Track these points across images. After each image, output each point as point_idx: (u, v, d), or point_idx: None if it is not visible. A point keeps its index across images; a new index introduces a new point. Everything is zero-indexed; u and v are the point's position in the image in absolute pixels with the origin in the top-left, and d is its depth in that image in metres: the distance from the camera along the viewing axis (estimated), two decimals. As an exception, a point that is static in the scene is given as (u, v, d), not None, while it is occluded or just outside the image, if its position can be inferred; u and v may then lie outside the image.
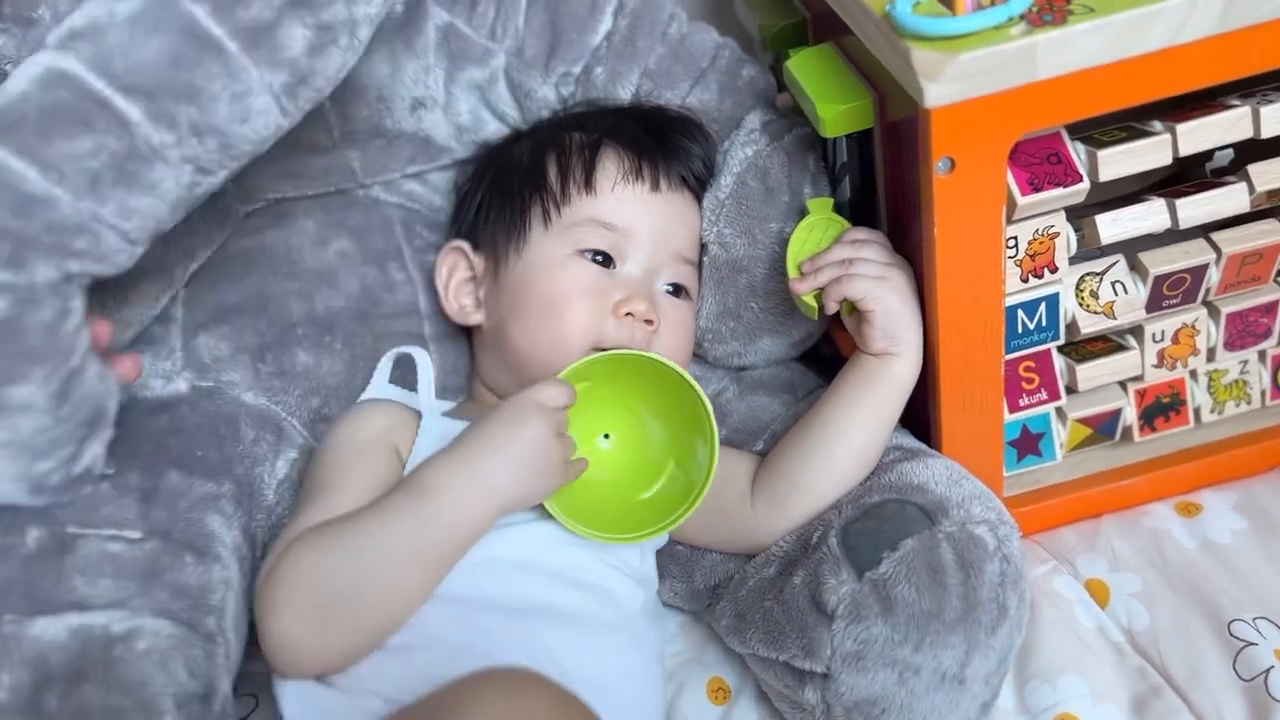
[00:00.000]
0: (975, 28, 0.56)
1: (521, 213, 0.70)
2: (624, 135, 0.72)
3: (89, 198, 0.53)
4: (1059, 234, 0.66)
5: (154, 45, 0.53)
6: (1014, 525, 0.64)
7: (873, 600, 0.59)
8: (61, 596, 0.57)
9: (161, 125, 0.54)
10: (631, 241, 0.69)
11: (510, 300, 0.69)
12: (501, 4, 0.76)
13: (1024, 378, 0.73)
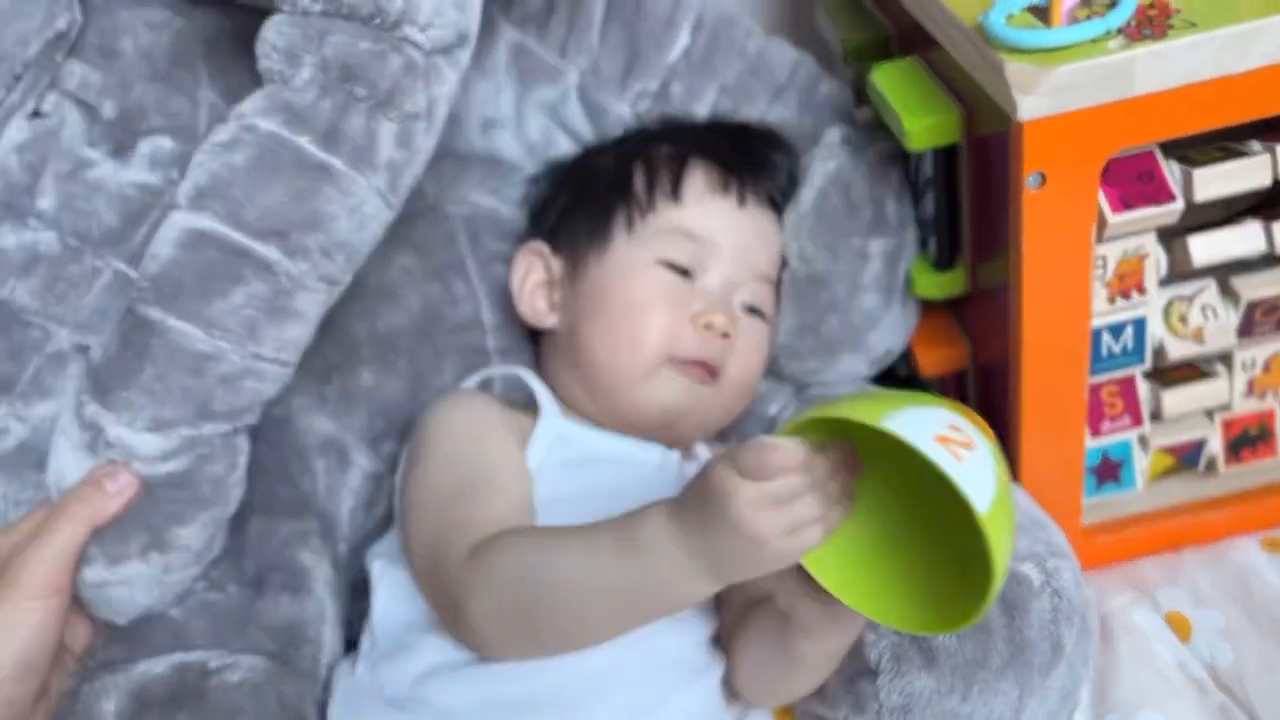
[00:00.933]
0: (1071, 40, 0.55)
1: (605, 218, 0.70)
2: (712, 149, 0.72)
3: (250, 343, 0.56)
4: (1148, 255, 0.65)
5: (276, 188, 0.56)
6: (1068, 555, 0.61)
7: (913, 653, 0.58)
8: (164, 640, 0.60)
9: (298, 258, 0.57)
10: (713, 254, 0.68)
11: (587, 304, 0.69)
12: (574, 22, 0.76)
13: (1107, 403, 0.71)
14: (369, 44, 0.56)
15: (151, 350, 0.55)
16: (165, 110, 0.67)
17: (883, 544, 0.52)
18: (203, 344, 0.55)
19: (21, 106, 0.64)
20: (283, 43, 0.56)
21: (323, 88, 0.56)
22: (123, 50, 0.66)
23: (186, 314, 0.55)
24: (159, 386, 0.55)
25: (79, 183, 0.64)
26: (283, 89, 0.56)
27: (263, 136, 0.56)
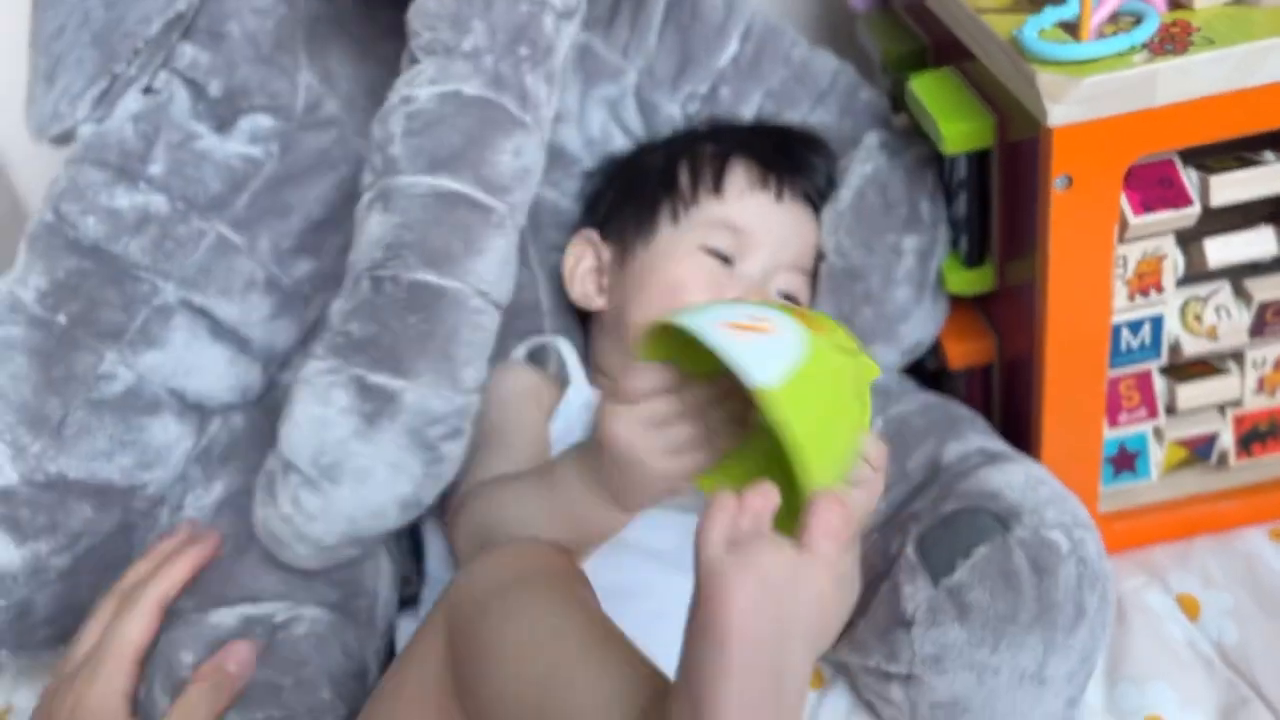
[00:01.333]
0: (1099, 54, 0.59)
1: (652, 210, 0.75)
2: (754, 148, 0.77)
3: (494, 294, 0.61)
4: (1166, 256, 0.69)
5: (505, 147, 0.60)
6: (1091, 528, 0.65)
7: (949, 606, 0.62)
8: (234, 593, 0.63)
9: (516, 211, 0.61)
10: (751, 244, 0.73)
11: (634, 286, 0.74)
12: (635, 26, 0.81)
13: (1125, 395, 0.75)
14: (526, 7, 0.59)
15: (440, 314, 0.57)
16: (267, 90, 0.72)
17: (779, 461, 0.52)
18: (476, 300, 0.58)
19: (136, 81, 0.69)
20: (447, 12, 0.59)
21: (495, 53, 0.59)
22: (230, 33, 0.71)
23: (457, 274, 0.57)
24: (452, 348, 0.57)
25: (187, 151, 0.69)
26: (453, 57, 0.59)
27: (472, 101, 0.58)
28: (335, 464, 0.57)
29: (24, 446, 0.63)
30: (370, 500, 0.58)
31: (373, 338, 0.57)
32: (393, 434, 0.57)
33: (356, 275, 0.59)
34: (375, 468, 0.57)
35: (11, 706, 0.77)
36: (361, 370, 0.57)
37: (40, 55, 0.69)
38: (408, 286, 0.57)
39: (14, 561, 0.63)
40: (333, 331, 0.58)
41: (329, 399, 0.57)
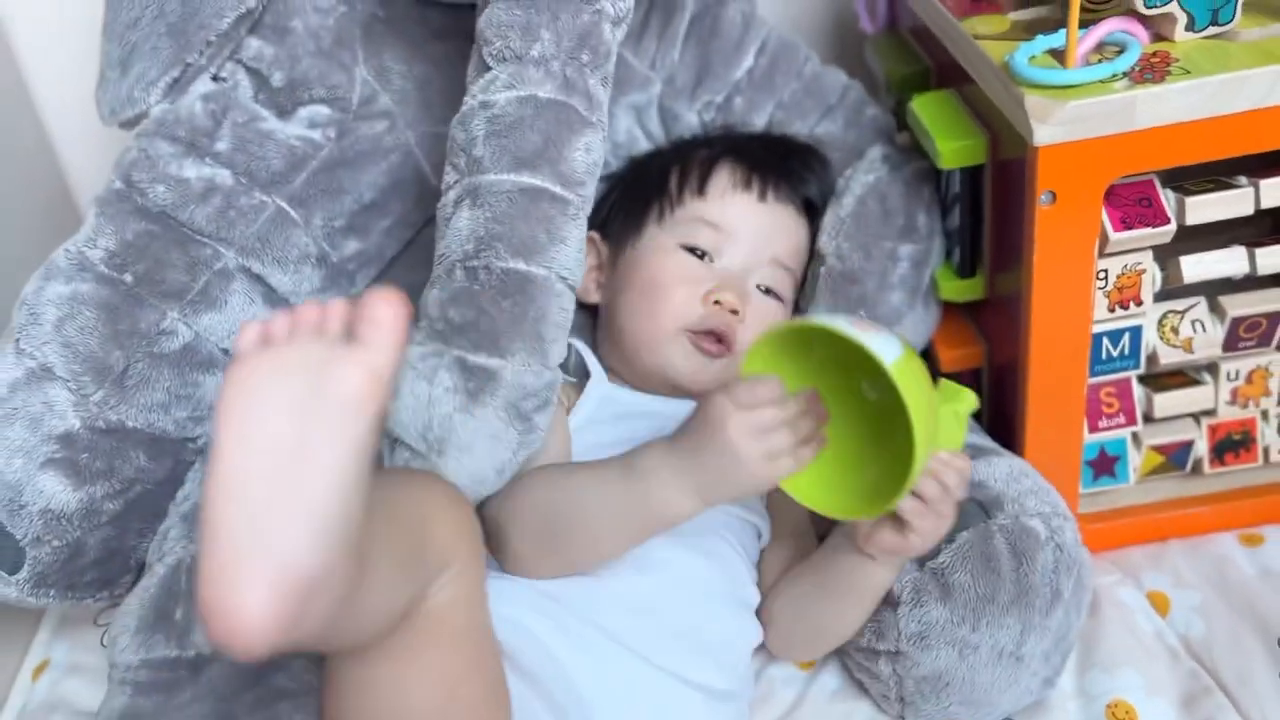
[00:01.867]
0: (1083, 80, 0.65)
1: (642, 212, 0.80)
2: (742, 152, 0.82)
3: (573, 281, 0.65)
4: (1145, 271, 0.74)
5: (578, 145, 0.65)
6: (1069, 518, 0.70)
7: (932, 586, 0.67)
8: None
9: (586, 203, 0.66)
10: (731, 240, 0.78)
11: (620, 282, 0.79)
12: (662, 39, 0.87)
13: (1105, 402, 0.80)
14: (588, 16, 0.65)
15: (532, 298, 0.62)
16: (326, 83, 0.77)
17: (844, 465, 0.63)
18: (559, 285, 0.63)
19: (206, 70, 0.75)
20: (518, 22, 0.64)
21: (561, 59, 0.64)
22: (294, 29, 0.77)
23: (543, 262, 0.63)
24: (541, 328, 0.62)
25: (252, 130, 0.75)
26: (524, 64, 0.64)
27: (548, 104, 0.64)
28: (442, 438, 0.62)
29: (87, 394, 0.68)
30: (473, 469, 0.62)
31: (472, 322, 0.62)
32: (493, 408, 0.62)
33: (449, 266, 0.64)
34: (477, 440, 0.62)
35: (49, 660, 0.82)
36: (463, 352, 0.62)
37: (114, 43, 0.75)
38: (500, 274, 0.62)
39: (70, 503, 0.68)
40: (431, 318, 0.63)
41: (435, 379, 0.61)
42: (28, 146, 1.05)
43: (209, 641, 0.46)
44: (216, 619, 0.40)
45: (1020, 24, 0.74)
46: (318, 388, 0.42)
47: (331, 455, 0.41)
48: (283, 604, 0.40)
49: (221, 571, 0.40)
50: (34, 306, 0.69)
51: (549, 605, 0.65)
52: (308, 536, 0.41)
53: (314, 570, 0.41)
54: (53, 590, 0.70)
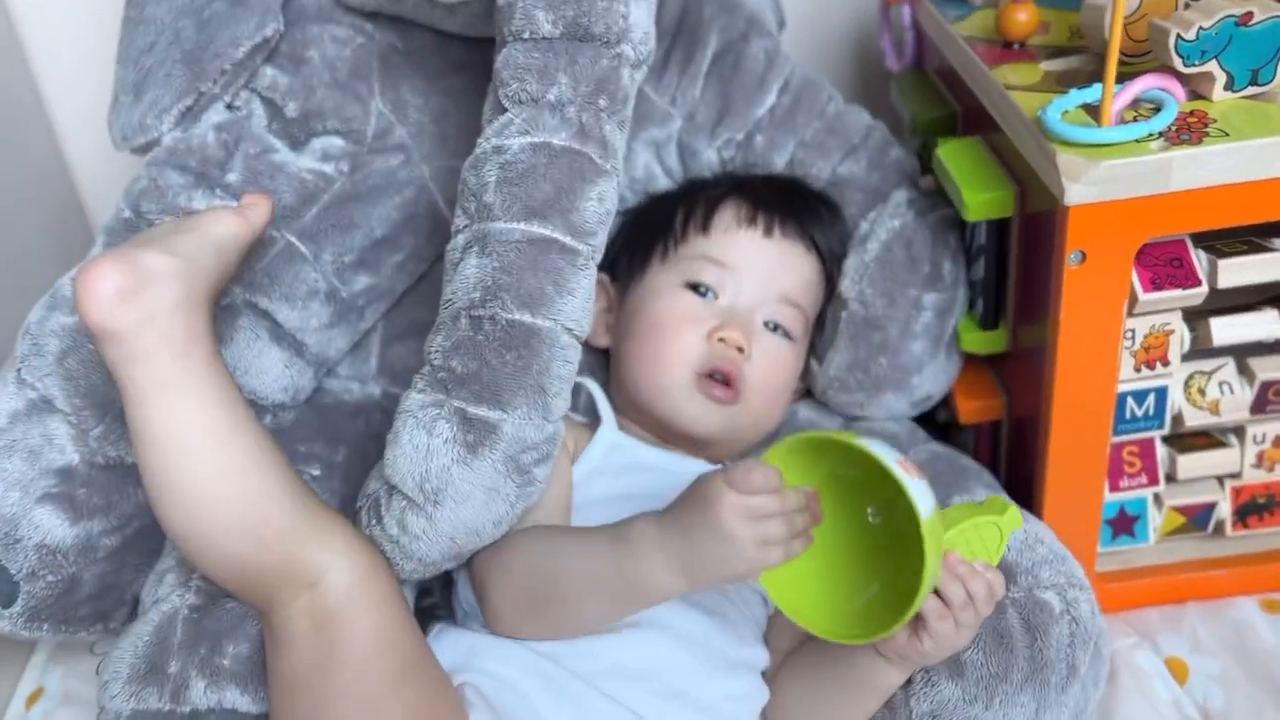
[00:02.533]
0: (1117, 139, 0.63)
1: (647, 250, 0.79)
2: (748, 189, 0.80)
3: (579, 331, 0.63)
4: (1174, 331, 0.72)
5: (591, 195, 0.63)
6: (1085, 587, 0.68)
7: (943, 664, 0.65)
8: None
9: (596, 253, 0.64)
10: (735, 277, 0.76)
11: (625, 323, 0.78)
12: (684, 75, 0.86)
13: (1126, 461, 0.78)
14: (606, 61, 0.63)
15: (536, 351, 0.61)
16: (341, 115, 0.76)
17: (830, 584, 0.62)
18: (565, 337, 0.62)
19: (219, 99, 0.74)
20: (536, 65, 0.63)
21: (578, 104, 0.63)
22: (310, 59, 0.76)
23: (549, 314, 0.61)
24: (544, 381, 0.61)
25: (264, 163, 0.74)
26: (539, 108, 0.63)
27: (562, 152, 0.62)
28: (439, 489, 0.61)
29: (87, 429, 0.67)
30: (470, 521, 0.61)
31: (474, 373, 0.61)
32: (492, 461, 0.60)
33: (454, 313, 0.62)
34: (475, 492, 0.61)
35: (43, 689, 0.81)
36: (463, 403, 0.61)
37: (128, 68, 0.74)
38: (505, 326, 0.61)
39: (66, 539, 0.67)
40: (434, 367, 0.62)
41: (434, 429, 0.61)
42: (42, 164, 1.04)
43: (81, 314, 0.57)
44: (80, 284, 0.57)
45: (1052, 75, 0.73)
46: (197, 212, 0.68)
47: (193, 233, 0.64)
48: (124, 277, 0.57)
49: (93, 259, 0.58)
50: (37, 337, 0.68)
51: (540, 663, 0.63)
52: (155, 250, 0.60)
53: (152, 265, 0.58)
54: (46, 624, 0.69)
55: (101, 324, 0.57)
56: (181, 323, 0.59)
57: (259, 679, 0.63)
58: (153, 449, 0.59)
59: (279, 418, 0.74)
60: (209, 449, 0.59)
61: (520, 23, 0.62)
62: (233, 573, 0.61)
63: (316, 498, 0.63)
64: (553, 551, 0.64)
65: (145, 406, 0.58)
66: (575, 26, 0.62)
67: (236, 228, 0.65)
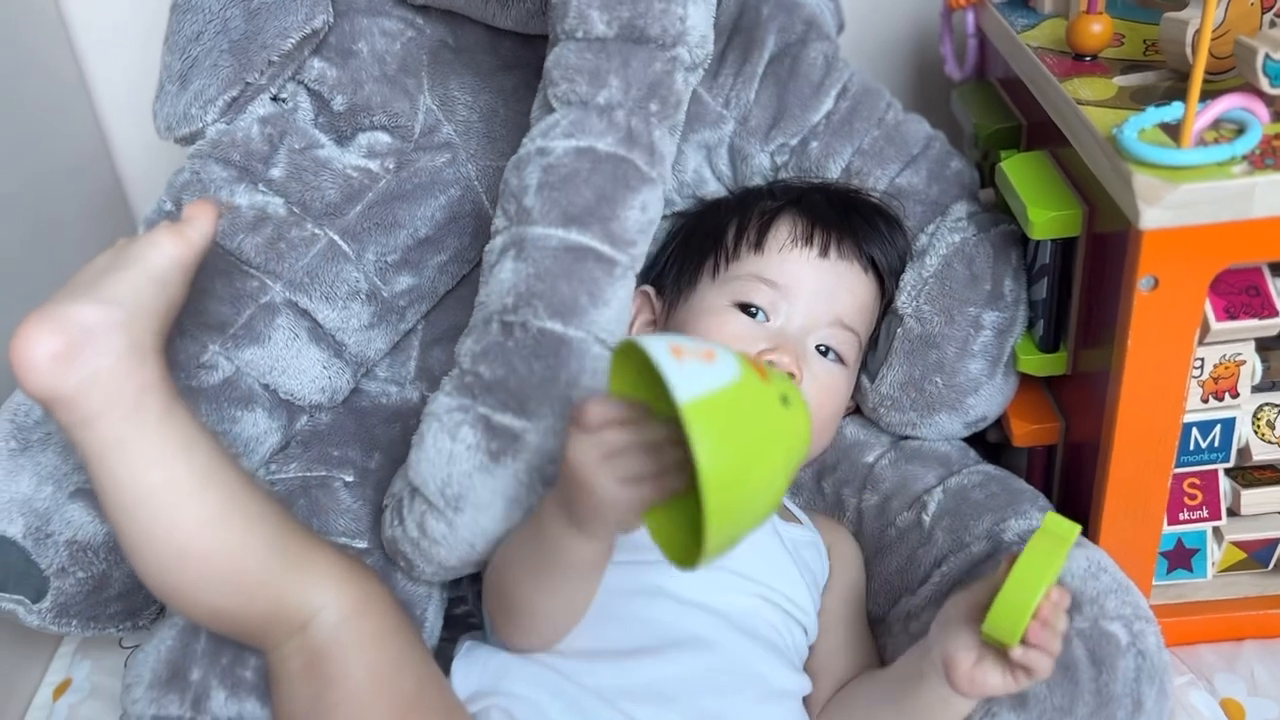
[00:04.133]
0: (1198, 162, 0.60)
1: (697, 266, 0.76)
2: (805, 205, 0.77)
3: (612, 341, 0.62)
4: (1245, 362, 0.69)
5: (633, 204, 0.62)
6: (1152, 620, 0.65)
7: (1006, 697, 0.62)
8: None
9: (637, 262, 0.64)
10: (789, 299, 0.73)
11: None
12: (739, 77, 0.83)
13: (1187, 493, 0.75)
14: (660, 64, 0.62)
15: (565, 361, 0.59)
16: (388, 109, 0.74)
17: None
18: (596, 348, 0.61)
19: (266, 90, 0.72)
20: (587, 66, 0.61)
21: (627, 108, 0.61)
22: (359, 52, 0.74)
23: (581, 324, 0.60)
24: (572, 392, 0.60)
25: (308, 158, 0.72)
26: (587, 110, 0.61)
27: (607, 158, 0.61)
28: (460, 495, 0.60)
29: (122, 425, 0.66)
30: (490, 528, 0.60)
31: (500, 380, 0.59)
32: (514, 470, 0.59)
33: (486, 316, 0.61)
34: (495, 500, 0.60)
35: (71, 680, 0.80)
36: (488, 410, 0.59)
37: (175, 56, 0.72)
38: (536, 334, 0.59)
39: (98, 536, 0.66)
40: (462, 371, 0.61)
41: (457, 435, 0.59)
42: (86, 151, 1.03)
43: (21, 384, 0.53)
44: (14, 353, 0.53)
45: (1126, 90, 0.70)
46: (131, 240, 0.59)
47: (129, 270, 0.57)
48: (57, 339, 0.53)
49: (25, 321, 0.53)
50: None
51: (566, 686, 0.62)
52: (89, 301, 0.55)
53: (88, 320, 0.54)
54: (75, 620, 0.68)
55: (41, 392, 0.53)
56: (129, 377, 0.54)
57: None
58: (118, 510, 0.56)
59: (315, 419, 0.73)
60: (175, 505, 0.55)
61: (574, 21, 0.60)
62: (221, 622, 0.59)
63: (300, 531, 0.61)
64: (502, 551, 0.62)
65: (104, 468, 0.55)
66: (630, 28, 0.60)
67: (175, 251, 0.58)
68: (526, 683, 0.62)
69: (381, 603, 0.61)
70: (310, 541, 0.61)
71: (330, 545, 0.62)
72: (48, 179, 0.92)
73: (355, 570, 0.61)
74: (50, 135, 0.95)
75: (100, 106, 1.05)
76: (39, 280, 0.80)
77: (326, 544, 0.62)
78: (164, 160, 1.02)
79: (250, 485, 0.59)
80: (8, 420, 0.66)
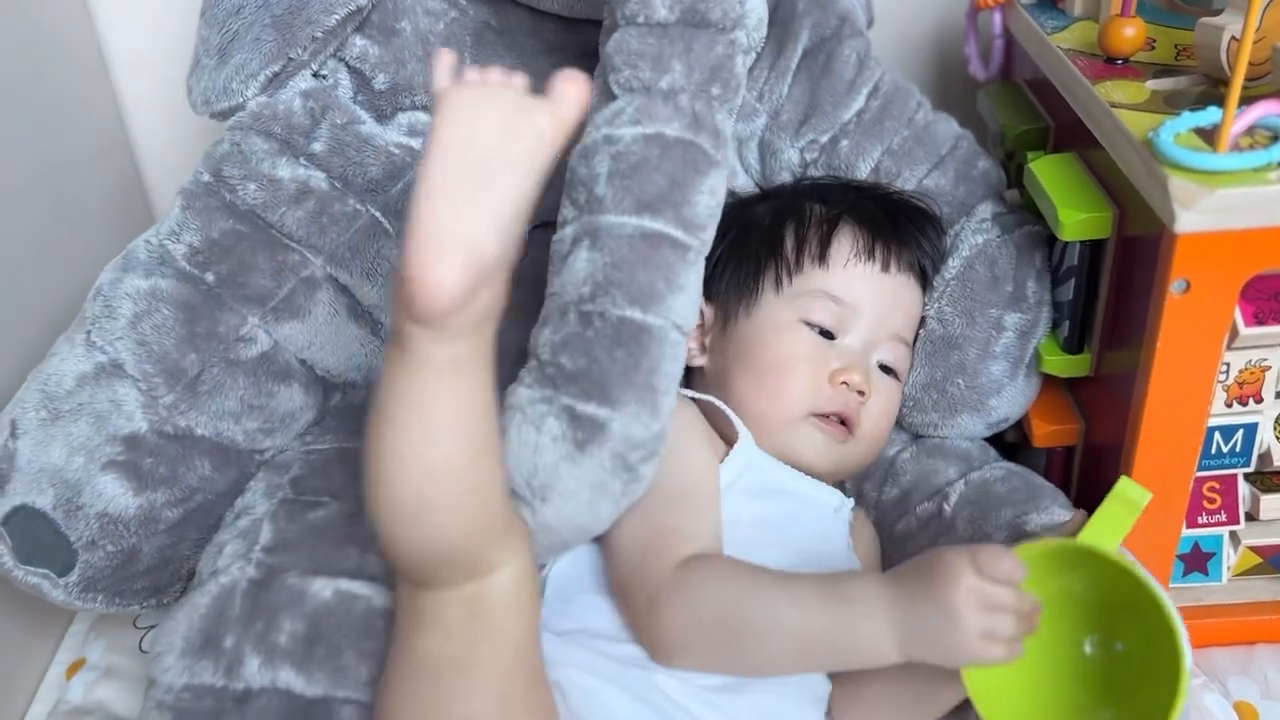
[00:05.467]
0: (1234, 167, 0.61)
1: (755, 275, 0.76)
2: (863, 215, 0.77)
3: (687, 328, 0.62)
4: (1271, 368, 0.70)
5: (702, 188, 0.62)
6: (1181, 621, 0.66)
7: None
8: (338, 563, 0.65)
9: (705, 246, 0.63)
10: (854, 316, 0.74)
11: (735, 354, 0.75)
12: (773, 70, 0.83)
13: (1206, 497, 0.76)
14: (721, 48, 0.62)
15: (645, 348, 0.60)
16: (430, 90, 0.74)
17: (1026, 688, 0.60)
18: (674, 334, 0.61)
19: (307, 66, 0.72)
20: (650, 51, 0.61)
21: (690, 92, 0.61)
22: (402, 30, 0.74)
23: (659, 311, 0.60)
24: (654, 379, 0.60)
25: (350, 134, 0.72)
26: (652, 96, 0.61)
27: (675, 143, 0.61)
28: (546, 485, 0.60)
29: (158, 397, 0.66)
30: (574, 516, 0.60)
31: (583, 370, 0.59)
32: (599, 459, 0.59)
33: (563, 306, 0.61)
34: (581, 489, 0.60)
35: (85, 659, 0.80)
36: (572, 400, 0.59)
37: (214, 30, 0.72)
38: (615, 323, 0.59)
39: (129, 509, 0.66)
40: (542, 362, 0.61)
41: (543, 426, 0.59)
42: (105, 137, 1.03)
43: (410, 310, 0.50)
44: (418, 286, 0.49)
45: (1159, 94, 0.70)
46: (518, 122, 0.51)
47: (518, 175, 0.51)
48: (468, 276, 0.49)
49: (427, 249, 0.49)
50: (110, 299, 0.67)
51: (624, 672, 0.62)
52: (494, 232, 0.50)
53: (491, 257, 0.50)
54: (100, 595, 0.68)
55: (434, 320, 0.51)
56: (496, 304, 0.53)
57: (315, 659, 0.61)
58: (416, 418, 0.53)
59: (349, 396, 0.73)
60: (469, 429, 0.55)
61: (636, 6, 0.60)
62: (427, 549, 0.56)
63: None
64: (756, 591, 0.61)
65: (428, 379, 0.53)
66: (692, 12, 0.60)
67: (554, 136, 0.52)
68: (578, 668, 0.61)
69: (537, 578, 0.61)
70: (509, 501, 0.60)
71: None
72: (66, 164, 0.92)
73: (530, 542, 0.61)
74: (69, 120, 0.95)
75: (120, 91, 1.04)
76: (56, 265, 0.81)
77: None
78: (184, 146, 1.02)
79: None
80: (38, 390, 0.66)
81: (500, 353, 0.56)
